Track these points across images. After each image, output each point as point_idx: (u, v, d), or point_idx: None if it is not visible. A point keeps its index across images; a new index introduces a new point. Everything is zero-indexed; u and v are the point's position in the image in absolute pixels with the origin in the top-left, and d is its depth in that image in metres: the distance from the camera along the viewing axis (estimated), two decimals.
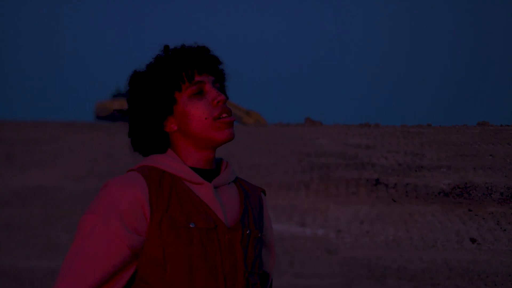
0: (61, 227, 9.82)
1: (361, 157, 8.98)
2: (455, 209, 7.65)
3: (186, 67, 2.26)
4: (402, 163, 8.45)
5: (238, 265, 2.21)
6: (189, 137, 2.27)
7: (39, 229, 9.81)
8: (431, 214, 7.79)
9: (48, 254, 9.11)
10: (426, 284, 6.98)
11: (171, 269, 2.15)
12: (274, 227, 8.67)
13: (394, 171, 8.45)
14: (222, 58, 2.34)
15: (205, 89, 2.28)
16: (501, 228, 7.17)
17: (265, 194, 2.45)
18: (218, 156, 2.38)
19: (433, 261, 7.26)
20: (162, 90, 2.25)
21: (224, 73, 2.35)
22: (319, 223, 8.52)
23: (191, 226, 2.17)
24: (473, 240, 7.21)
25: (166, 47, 2.29)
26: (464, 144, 8.00)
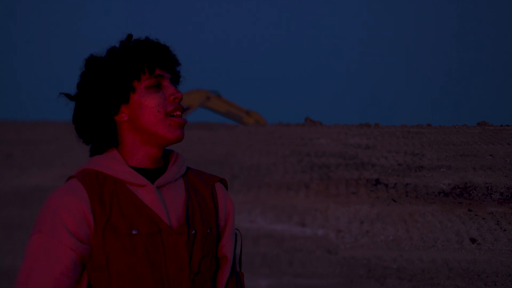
0: None
1: (361, 157, 8.98)
2: (455, 209, 7.65)
3: (149, 59, 2.25)
4: (402, 163, 8.45)
5: (183, 268, 2.20)
6: (138, 131, 2.24)
7: None
8: (431, 214, 7.79)
9: None
10: (426, 284, 6.98)
11: (116, 278, 2.16)
12: (274, 227, 8.67)
13: (394, 171, 8.45)
14: (181, 59, 2.34)
15: (163, 84, 2.27)
16: (501, 228, 7.17)
17: (224, 184, 2.39)
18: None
19: (433, 261, 7.26)
20: (121, 76, 2.24)
21: (180, 76, 2.34)
22: (319, 223, 8.52)
23: (133, 232, 2.17)
24: (473, 240, 7.21)
25: (130, 36, 2.28)
26: (464, 144, 8.00)
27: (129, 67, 2.24)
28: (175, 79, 2.33)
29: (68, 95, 2.28)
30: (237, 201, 9.09)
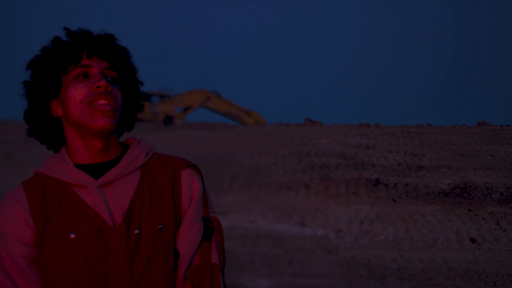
0: None
1: (361, 157, 8.98)
2: (455, 209, 7.65)
3: (75, 49, 2.20)
4: (402, 163, 8.45)
5: (124, 271, 2.12)
6: (72, 124, 2.19)
7: None
8: (431, 214, 7.79)
9: None
10: (426, 284, 6.98)
11: (52, 283, 2.13)
12: (274, 227, 8.67)
13: (394, 171, 8.45)
14: (130, 50, 2.26)
15: (90, 73, 2.20)
16: (501, 228, 7.17)
17: (196, 170, 2.26)
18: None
19: (433, 261, 7.26)
20: (48, 71, 2.20)
21: (124, 62, 2.26)
22: (319, 223, 8.52)
23: (71, 236, 2.12)
24: (473, 240, 7.21)
25: (64, 29, 2.24)
26: (464, 144, 8.00)
27: (55, 60, 2.20)
28: (118, 67, 2.24)
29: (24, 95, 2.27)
30: (237, 201, 9.09)
